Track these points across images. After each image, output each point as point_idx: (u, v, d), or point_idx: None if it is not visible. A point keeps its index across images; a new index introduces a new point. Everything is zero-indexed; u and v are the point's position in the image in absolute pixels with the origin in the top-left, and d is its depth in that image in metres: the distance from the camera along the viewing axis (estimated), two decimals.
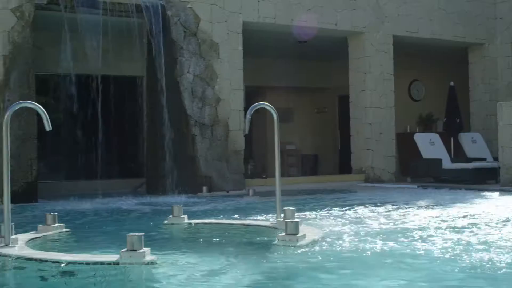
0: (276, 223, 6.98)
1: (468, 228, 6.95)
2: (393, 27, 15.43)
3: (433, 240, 6.10)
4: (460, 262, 5.03)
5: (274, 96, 19.47)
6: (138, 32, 12.43)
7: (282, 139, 18.86)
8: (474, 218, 7.81)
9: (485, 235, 6.41)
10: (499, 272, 4.71)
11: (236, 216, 8.48)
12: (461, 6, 16.49)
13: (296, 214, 6.93)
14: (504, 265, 4.88)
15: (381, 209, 8.95)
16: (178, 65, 12.70)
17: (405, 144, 16.87)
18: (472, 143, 15.66)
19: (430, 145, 14.94)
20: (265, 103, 7.33)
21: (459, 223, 7.45)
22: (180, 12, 12.83)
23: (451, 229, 6.86)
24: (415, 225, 7.23)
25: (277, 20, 13.91)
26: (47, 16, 11.88)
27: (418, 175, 14.97)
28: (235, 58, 13.35)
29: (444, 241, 6.03)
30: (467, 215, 8.11)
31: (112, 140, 13.52)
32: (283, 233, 5.94)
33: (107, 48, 12.13)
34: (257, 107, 7.26)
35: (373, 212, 8.65)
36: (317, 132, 20.18)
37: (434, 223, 7.38)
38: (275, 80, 18.58)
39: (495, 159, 13.47)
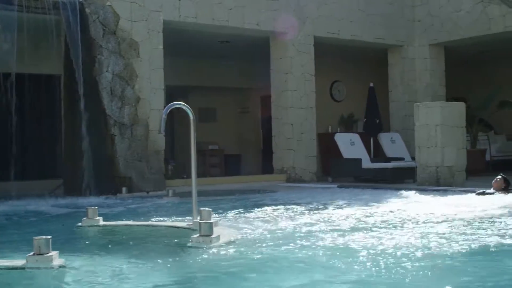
0: (192, 224, 6.90)
1: (380, 227, 7.03)
2: (314, 28, 15.54)
3: (341, 240, 6.13)
4: (363, 260, 5.06)
5: (196, 96, 19.40)
6: (55, 30, 12.13)
7: (205, 139, 19.03)
8: (387, 217, 7.91)
9: (393, 234, 6.49)
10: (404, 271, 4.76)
11: (154, 217, 8.37)
12: (381, 8, 16.74)
13: (213, 215, 6.87)
14: (409, 265, 4.94)
15: (298, 209, 8.97)
16: (96, 64, 12.46)
17: (327, 144, 17.05)
18: (391, 143, 15.93)
19: (350, 145, 15.12)
20: (182, 103, 7.28)
21: (370, 221, 7.54)
22: (99, 10, 12.59)
23: (363, 228, 6.92)
24: (330, 225, 7.27)
25: (198, 19, 13.82)
26: None
27: (339, 175, 15.12)
28: (156, 57, 13.19)
29: (354, 240, 6.07)
30: (382, 214, 8.21)
31: (29, 140, 13.16)
32: (197, 235, 5.87)
33: (22, 45, 11.79)
34: (172, 107, 7.19)
35: (290, 212, 8.66)
36: (240, 132, 20.19)
37: (348, 222, 7.45)
38: (198, 80, 18.47)
39: (413, 158, 13.71)
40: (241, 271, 4.89)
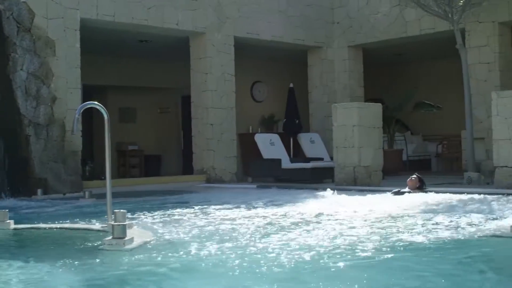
0: (106, 226, 6.78)
1: (294, 227, 7.07)
2: (234, 28, 15.55)
3: (255, 241, 6.14)
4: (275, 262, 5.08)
5: (116, 95, 19.17)
6: None
7: (125, 139, 18.79)
8: (302, 216, 7.97)
9: (306, 234, 6.54)
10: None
11: (68, 219, 8.18)
12: (300, 10, 16.89)
13: (128, 216, 6.76)
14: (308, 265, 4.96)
15: (215, 209, 8.95)
16: (10, 62, 12.12)
17: (247, 145, 17.08)
18: (311, 143, 16.08)
19: (270, 146, 15.19)
20: (95, 102, 7.14)
21: (285, 221, 7.58)
22: (13, 6, 12.24)
23: (277, 229, 6.95)
24: (245, 226, 7.27)
25: (117, 17, 13.62)
26: None
27: (258, 175, 15.16)
28: (72, 56, 12.93)
29: (268, 242, 6.09)
30: (298, 214, 8.27)
31: None
32: (110, 237, 5.77)
33: None
34: (86, 107, 7.06)
35: (207, 213, 8.62)
36: (161, 133, 20.02)
37: (263, 222, 7.47)
38: (117, 79, 18.23)
39: (332, 158, 13.87)
40: (151, 274, 4.82)
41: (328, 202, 9.97)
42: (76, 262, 5.28)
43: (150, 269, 4.99)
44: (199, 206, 9.38)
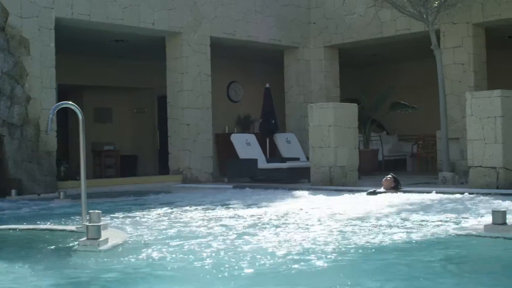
0: (81, 227, 6.73)
1: (269, 227, 7.07)
2: (210, 28, 15.52)
3: (228, 241, 6.13)
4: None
5: (91, 95, 19.08)
6: None
7: (101, 139, 18.69)
8: (277, 216, 7.98)
9: (279, 234, 6.55)
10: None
11: (43, 220, 8.13)
12: (277, 10, 16.91)
13: (103, 217, 6.73)
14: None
15: (190, 209, 8.94)
16: None
17: (223, 145, 17.07)
18: (287, 143, 16.09)
19: (246, 146, 15.18)
20: (70, 102, 7.09)
21: (260, 221, 7.58)
22: None
23: (252, 229, 6.95)
24: (220, 226, 7.26)
25: (92, 17, 13.54)
26: None
27: (235, 175, 15.14)
28: (47, 55, 12.83)
29: (242, 242, 6.09)
30: (273, 214, 8.27)
31: None
32: (85, 238, 5.73)
33: None
34: (60, 106, 7.01)
35: (182, 213, 8.60)
36: (137, 133, 19.95)
37: (238, 222, 7.46)
38: (93, 79, 18.13)
39: (308, 158, 13.89)
40: (124, 275, 4.79)
41: (303, 202, 9.99)
42: (49, 264, 5.25)
43: (123, 270, 4.96)
44: (175, 207, 9.36)
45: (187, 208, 9.23)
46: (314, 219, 7.71)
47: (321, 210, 8.59)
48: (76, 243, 5.78)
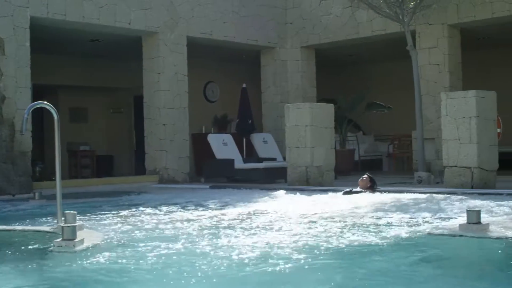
0: (56, 227, 6.69)
1: (243, 228, 7.06)
2: (187, 28, 15.49)
3: (203, 242, 6.12)
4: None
5: (67, 95, 18.95)
6: None
7: (76, 139, 18.56)
8: (251, 216, 7.98)
9: (253, 235, 6.54)
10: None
11: (17, 220, 8.05)
12: (254, 10, 16.92)
13: (78, 217, 6.68)
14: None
15: (166, 210, 8.91)
16: None
17: (200, 145, 17.04)
18: (264, 143, 16.11)
19: (223, 146, 15.18)
20: (45, 102, 7.04)
21: (235, 222, 7.57)
22: None
23: (227, 230, 6.94)
24: (195, 226, 7.24)
25: (68, 16, 13.45)
26: None
27: (211, 175, 15.13)
28: (22, 55, 12.72)
29: (218, 243, 6.08)
30: (248, 214, 8.27)
31: None
32: (60, 239, 5.69)
33: None
34: (35, 106, 6.96)
35: (157, 214, 8.57)
36: (113, 133, 19.85)
37: (213, 222, 7.45)
38: (68, 79, 18.02)
39: (285, 158, 13.92)
40: (99, 276, 4.76)
41: (279, 202, 10.00)
42: (23, 265, 5.19)
43: (98, 271, 4.93)
44: (151, 207, 9.31)
45: (164, 208, 9.19)
46: (286, 219, 7.71)
47: (295, 210, 8.59)
48: (51, 244, 5.73)
